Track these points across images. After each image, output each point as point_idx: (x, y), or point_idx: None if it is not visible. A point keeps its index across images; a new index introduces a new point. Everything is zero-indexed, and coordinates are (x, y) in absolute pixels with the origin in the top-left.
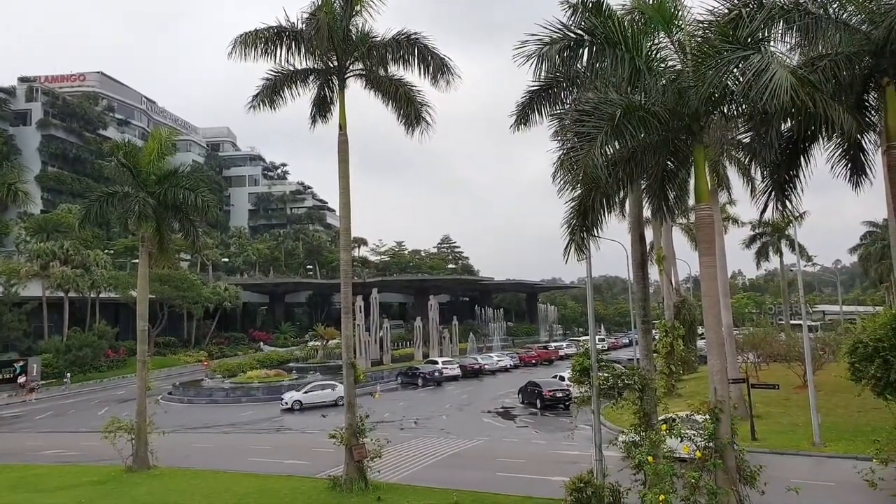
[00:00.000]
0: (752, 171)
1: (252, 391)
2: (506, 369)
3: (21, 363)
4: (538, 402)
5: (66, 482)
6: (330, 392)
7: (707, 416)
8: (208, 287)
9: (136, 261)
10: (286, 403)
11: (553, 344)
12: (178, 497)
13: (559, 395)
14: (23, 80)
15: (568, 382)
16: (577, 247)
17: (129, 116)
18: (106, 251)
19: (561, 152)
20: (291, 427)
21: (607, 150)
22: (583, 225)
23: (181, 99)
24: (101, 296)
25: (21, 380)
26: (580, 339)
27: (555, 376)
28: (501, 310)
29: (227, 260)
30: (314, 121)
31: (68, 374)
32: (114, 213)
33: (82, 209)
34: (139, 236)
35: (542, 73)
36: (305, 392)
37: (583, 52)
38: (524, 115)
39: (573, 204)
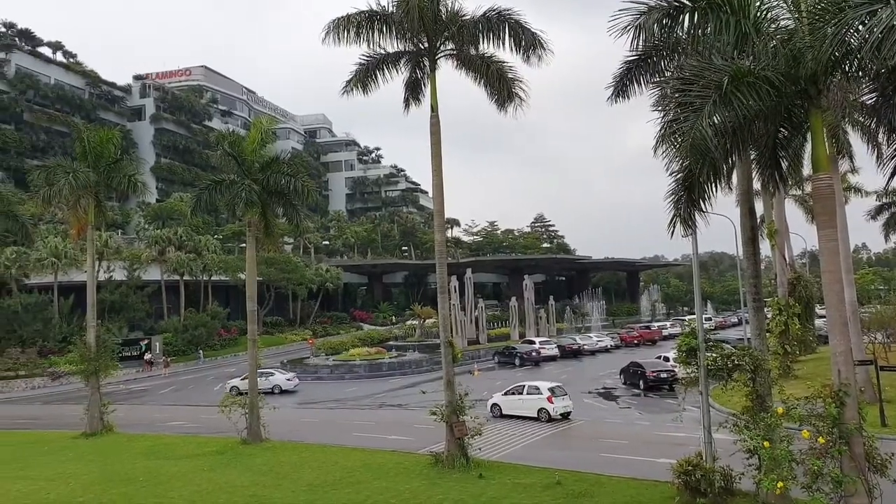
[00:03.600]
0: (879, 135)
1: (355, 368)
2: (606, 350)
3: (145, 342)
4: (641, 382)
5: (190, 451)
6: (263, 380)
7: (829, 400)
8: (311, 269)
9: (244, 245)
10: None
11: (656, 324)
12: (290, 469)
13: (663, 375)
14: (136, 77)
15: (673, 363)
16: (683, 222)
17: (231, 107)
18: (215, 236)
19: (663, 123)
20: (392, 403)
21: (714, 119)
22: (688, 199)
23: (279, 87)
24: (212, 278)
25: (147, 356)
26: (685, 318)
27: (658, 357)
28: (600, 289)
29: (327, 243)
30: (407, 104)
31: (201, 351)
32: (222, 200)
33: (193, 197)
34: (246, 222)
35: (640, 44)
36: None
37: (683, 18)
38: (622, 86)
39: (678, 177)
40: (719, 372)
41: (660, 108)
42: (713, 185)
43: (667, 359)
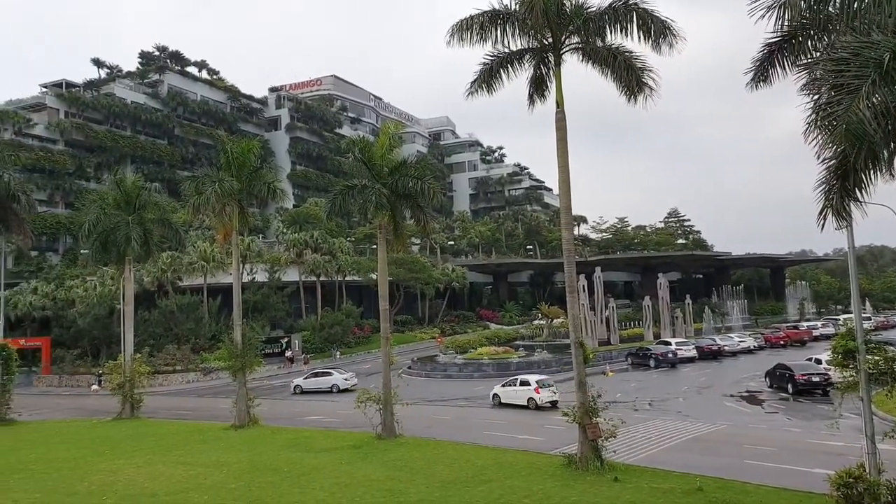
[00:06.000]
0: None
1: (483, 367)
2: (748, 351)
3: (285, 339)
4: (789, 386)
5: (328, 445)
6: (328, 379)
7: None
8: (437, 269)
9: (375, 246)
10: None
11: (805, 323)
12: (423, 464)
13: (815, 379)
14: (272, 90)
15: (826, 366)
16: (835, 213)
17: (359, 114)
18: (348, 239)
19: (815, 107)
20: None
21: (873, 100)
22: (842, 188)
23: (403, 92)
24: (346, 279)
25: (287, 353)
26: (838, 317)
27: (809, 359)
28: (741, 287)
29: (452, 243)
30: (532, 101)
31: (338, 351)
32: (354, 204)
33: (328, 202)
34: (376, 224)
35: (784, 24)
36: (306, 379)
37: None
38: (762, 70)
39: (830, 165)
40: (882, 376)
41: (809, 91)
42: (871, 172)
43: (819, 361)
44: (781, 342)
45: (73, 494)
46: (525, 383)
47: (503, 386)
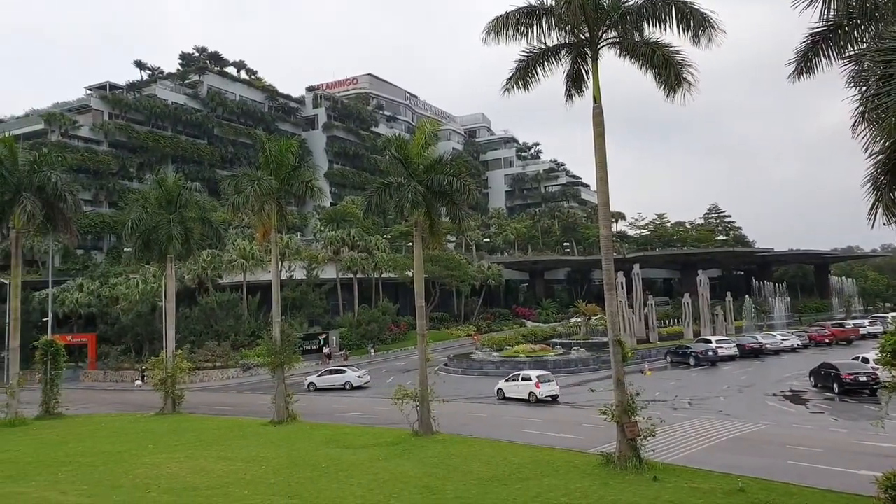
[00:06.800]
0: None
1: (519, 365)
2: (792, 349)
3: (323, 336)
4: (835, 386)
5: (366, 441)
6: (341, 376)
7: None
8: (473, 266)
9: (411, 244)
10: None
11: (851, 321)
12: (460, 461)
13: (862, 378)
14: (309, 89)
15: (873, 365)
16: (886, 208)
17: (395, 112)
18: (384, 236)
19: (862, 99)
20: (559, 401)
21: None
22: (891, 182)
23: (438, 89)
24: (382, 276)
25: (325, 350)
26: (887, 315)
27: (856, 358)
28: (784, 284)
29: (487, 240)
30: (569, 96)
31: (372, 348)
32: (390, 202)
33: (365, 200)
34: (412, 222)
35: (829, 14)
36: (319, 376)
37: None
38: (806, 61)
39: (878, 159)
40: None
41: (856, 83)
42: None
43: (866, 360)
44: (826, 340)
45: (119, 487)
46: (527, 378)
47: (507, 381)
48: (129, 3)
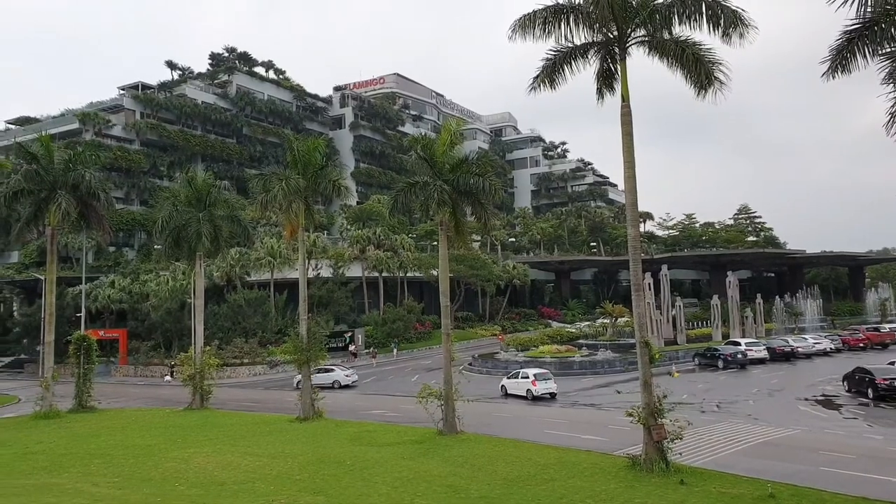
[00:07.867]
0: None
1: (545, 365)
2: (824, 353)
3: (349, 334)
4: (869, 391)
5: (391, 439)
6: (330, 375)
7: None
8: (498, 265)
9: (436, 243)
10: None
11: (887, 325)
12: (485, 461)
13: None
14: (336, 89)
15: None
16: None
17: (421, 112)
18: (410, 235)
19: None
20: (585, 402)
21: None
22: None
23: (465, 88)
24: (407, 275)
25: (351, 348)
26: None
27: (891, 362)
28: (816, 286)
29: (513, 240)
30: (600, 94)
31: (395, 347)
32: (416, 201)
33: (391, 199)
34: (438, 221)
35: (865, 11)
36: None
37: None
38: (841, 59)
39: None
40: None
41: (892, 81)
42: None
43: None
44: (861, 344)
45: (149, 480)
46: (525, 376)
47: (509, 378)
48: (162, 4)
